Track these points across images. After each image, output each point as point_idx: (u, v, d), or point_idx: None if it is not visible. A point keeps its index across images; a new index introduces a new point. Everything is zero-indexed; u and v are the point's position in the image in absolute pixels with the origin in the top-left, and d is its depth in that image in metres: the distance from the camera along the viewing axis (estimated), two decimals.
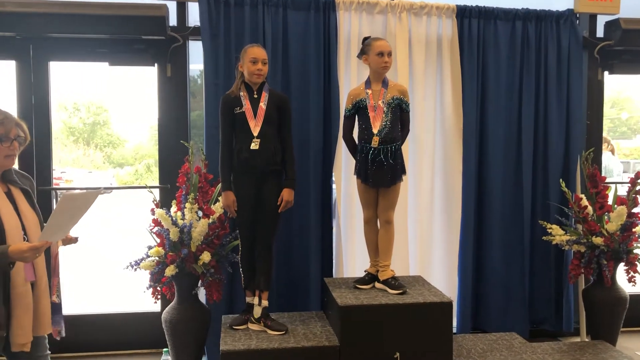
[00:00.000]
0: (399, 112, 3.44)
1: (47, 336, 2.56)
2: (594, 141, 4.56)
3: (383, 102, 3.40)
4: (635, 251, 3.99)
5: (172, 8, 4.05)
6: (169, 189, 4.05)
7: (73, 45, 4.01)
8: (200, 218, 3.57)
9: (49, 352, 2.61)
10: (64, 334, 2.62)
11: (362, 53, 3.47)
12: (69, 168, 17.37)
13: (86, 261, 7.85)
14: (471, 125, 4.22)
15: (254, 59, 3.26)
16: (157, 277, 3.52)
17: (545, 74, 4.32)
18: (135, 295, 4.01)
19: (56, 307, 2.56)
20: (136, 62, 4.12)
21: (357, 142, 3.49)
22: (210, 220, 3.57)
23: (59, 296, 2.59)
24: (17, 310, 2.35)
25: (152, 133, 17.31)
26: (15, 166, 2.58)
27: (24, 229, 2.42)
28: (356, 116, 3.49)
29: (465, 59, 4.20)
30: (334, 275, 4.10)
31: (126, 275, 3.79)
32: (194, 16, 4.04)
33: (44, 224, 2.42)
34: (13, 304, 2.35)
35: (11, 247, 2.27)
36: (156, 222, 3.57)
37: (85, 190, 2.42)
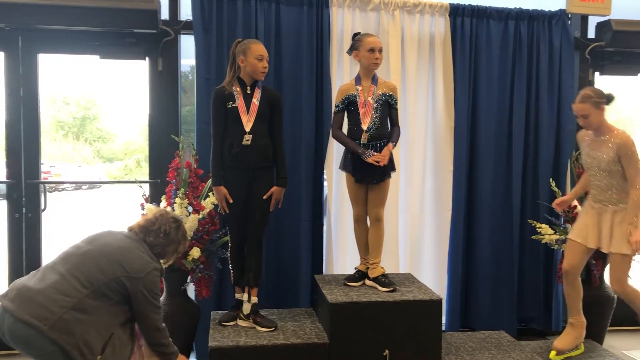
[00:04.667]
0: (388, 109, 3.44)
1: None
2: None
3: (373, 98, 3.39)
4: None
5: (164, 2, 4.01)
6: (159, 184, 4.02)
7: (63, 38, 3.97)
8: (190, 213, 3.55)
9: None
10: None
11: (353, 49, 3.46)
12: (58, 162, 17.25)
13: None
14: (462, 124, 4.22)
15: (260, 56, 3.24)
16: None
17: (537, 74, 4.33)
18: None
19: None
20: (127, 55, 4.08)
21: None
22: (200, 216, 3.56)
23: None
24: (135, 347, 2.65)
25: (143, 128, 17.23)
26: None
27: None
28: (345, 112, 3.48)
29: (458, 58, 4.21)
30: (324, 272, 4.09)
31: None
32: (186, 10, 4.02)
33: None
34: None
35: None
36: None
37: None
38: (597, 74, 4.63)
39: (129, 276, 2.49)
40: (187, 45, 4.11)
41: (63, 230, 9.63)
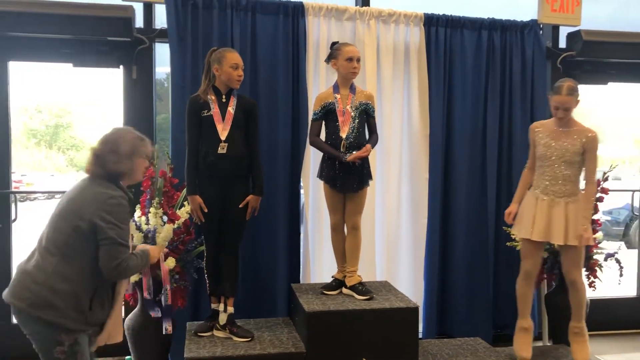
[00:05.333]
0: (365, 118, 3.46)
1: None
2: None
3: (351, 107, 3.41)
4: (595, 257, 4.09)
5: (139, 10, 3.98)
6: (133, 193, 3.96)
7: (35, 45, 3.91)
8: (165, 223, 3.51)
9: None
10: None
11: (331, 57, 3.48)
12: (29, 171, 16.92)
13: None
14: (437, 132, 4.26)
15: (235, 65, 3.23)
16: None
17: (510, 83, 4.40)
18: None
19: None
20: (101, 63, 4.03)
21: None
22: (175, 226, 3.52)
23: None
24: (114, 314, 2.52)
25: None
26: None
27: None
28: (323, 121, 3.49)
29: (433, 67, 4.25)
30: (301, 281, 4.08)
31: None
32: (161, 18, 3.99)
33: None
34: (115, 305, 2.52)
35: (150, 247, 2.64)
36: None
37: None
38: None
39: (83, 218, 2.34)
40: (163, 53, 4.08)
41: (35, 240, 9.46)
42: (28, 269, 2.37)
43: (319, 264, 4.11)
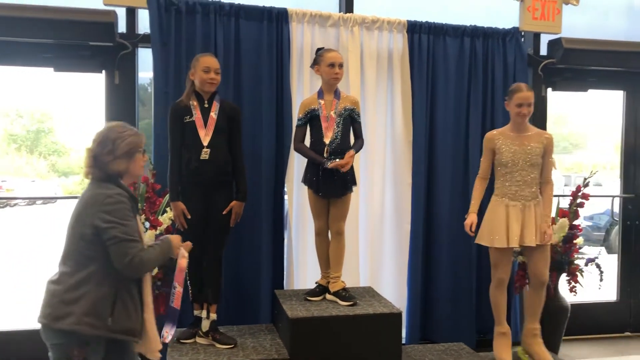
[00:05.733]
0: (351, 123, 3.47)
1: None
2: None
3: (335, 112, 3.42)
4: (576, 262, 4.13)
5: (122, 14, 3.96)
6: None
7: (15, 49, 3.86)
8: (147, 229, 3.48)
9: None
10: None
11: (315, 63, 3.49)
12: (10, 177, 16.70)
13: (25, 274, 7.54)
14: (420, 138, 4.29)
15: (207, 68, 3.22)
16: None
17: (492, 89, 4.44)
18: None
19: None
20: (83, 68, 4.00)
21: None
22: (158, 232, 3.50)
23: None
24: (149, 317, 2.44)
25: None
26: None
27: None
28: (308, 126, 3.49)
29: (416, 73, 4.28)
30: (285, 287, 4.07)
31: None
32: (144, 23, 3.97)
33: None
34: (145, 311, 2.43)
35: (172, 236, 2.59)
36: None
37: None
38: (549, 89, 4.78)
39: (85, 223, 2.30)
40: (146, 57, 4.05)
41: (15, 246, 9.34)
42: (49, 285, 2.36)
43: (302, 270, 4.10)
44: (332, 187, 3.39)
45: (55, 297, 2.29)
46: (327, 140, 3.39)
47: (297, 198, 4.07)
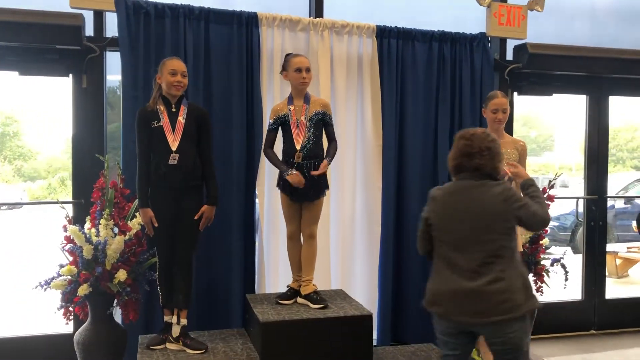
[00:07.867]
0: (323, 127, 3.49)
1: None
2: None
3: (305, 118, 3.43)
4: (542, 262, 4.22)
5: (89, 18, 3.91)
6: (83, 204, 3.88)
7: None
8: (115, 235, 3.45)
9: None
10: None
11: (283, 69, 3.50)
12: None
13: None
14: (390, 142, 4.33)
15: (173, 71, 3.20)
16: (69, 297, 3.37)
17: (460, 93, 4.51)
18: (45, 317, 3.80)
19: None
20: (49, 72, 3.93)
21: (281, 156, 3.50)
22: (127, 237, 3.46)
23: None
24: None
25: (67, 145, 16.51)
26: None
27: None
28: (280, 131, 3.50)
29: (385, 77, 4.32)
30: (256, 291, 4.06)
31: (36, 296, 3.59)
32: (112, 26, 3.92)
33: None
34: None
35: None
36: (68, 240, 3.42)
37: None
38: (515, 94, 4.87)
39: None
40: (114, 61, 4.01)
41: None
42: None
43: (274, 273, 4.10)
44: (305, 191, 3.40)
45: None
46: (298, 146, 3.40)
47: (268, 202, 4.07)
